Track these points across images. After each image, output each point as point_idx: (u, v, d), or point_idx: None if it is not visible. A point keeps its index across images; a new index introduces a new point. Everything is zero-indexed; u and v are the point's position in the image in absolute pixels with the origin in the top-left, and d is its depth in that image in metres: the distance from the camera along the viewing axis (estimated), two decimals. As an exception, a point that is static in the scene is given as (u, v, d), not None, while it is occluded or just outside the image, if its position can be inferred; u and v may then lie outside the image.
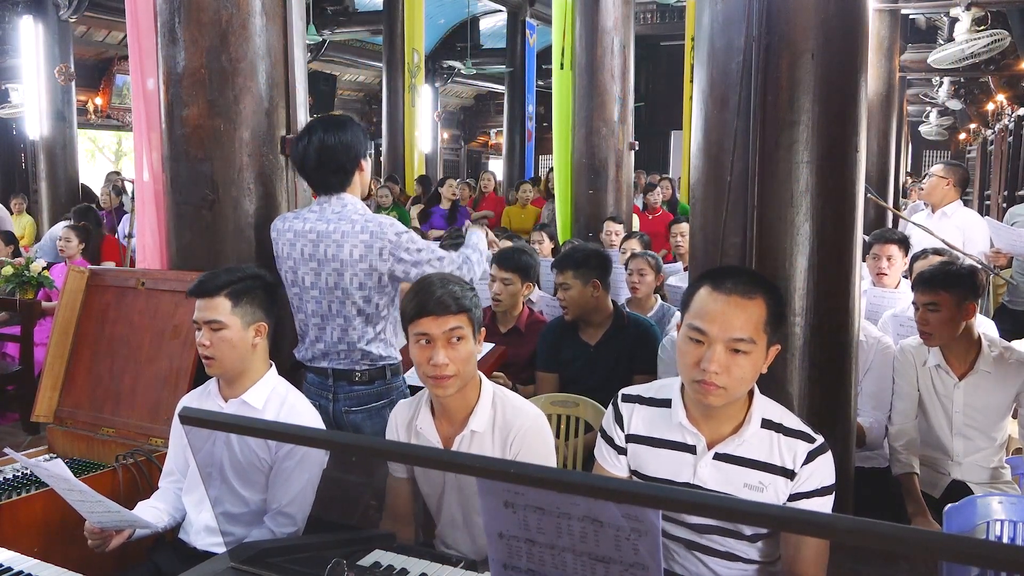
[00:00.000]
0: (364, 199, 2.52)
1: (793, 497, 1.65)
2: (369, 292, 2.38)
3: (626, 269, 3.82)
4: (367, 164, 2.50)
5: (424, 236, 6.32)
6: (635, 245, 4.71)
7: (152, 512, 2.11)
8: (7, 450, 2.18)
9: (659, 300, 3.83)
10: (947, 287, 2.48)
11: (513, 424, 1.87)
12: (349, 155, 2.40)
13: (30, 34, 7.94)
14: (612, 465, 1.82)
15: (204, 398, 2.14)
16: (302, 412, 2.10)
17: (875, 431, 2.72)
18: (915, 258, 3.41)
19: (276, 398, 2.10)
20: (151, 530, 2.06)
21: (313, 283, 2.41)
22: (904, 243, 3.56)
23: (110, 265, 5.87)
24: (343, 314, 2.40)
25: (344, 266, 2.36)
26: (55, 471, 1.82)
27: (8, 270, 4.46)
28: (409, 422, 1.98)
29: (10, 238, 5.80)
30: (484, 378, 1.95)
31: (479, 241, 2.62)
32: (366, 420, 2.45)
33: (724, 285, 1.60)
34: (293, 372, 2.57)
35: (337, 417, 2.45)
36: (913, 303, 2.62)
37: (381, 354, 2.44)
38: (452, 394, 1.85)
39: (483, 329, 1.92)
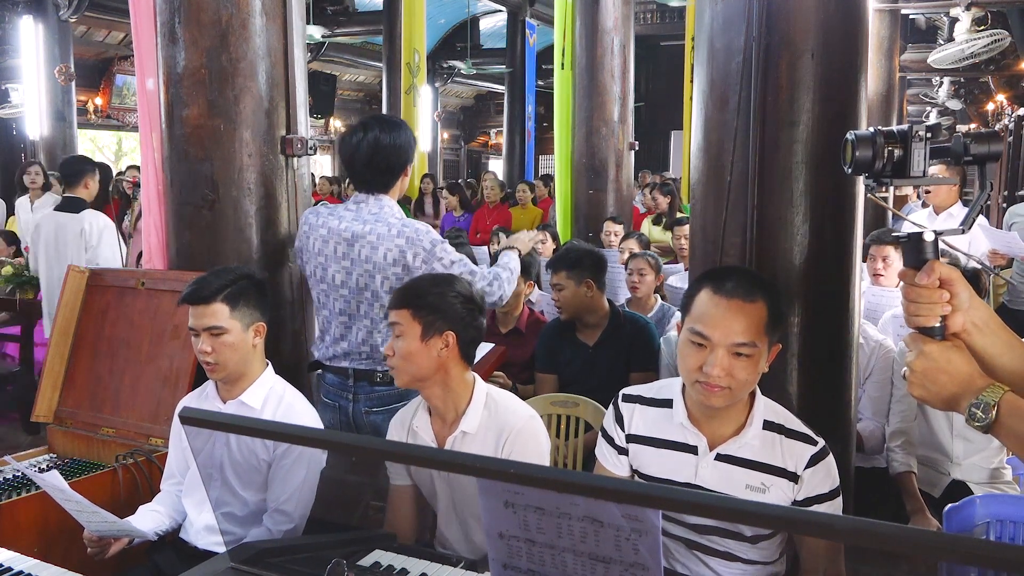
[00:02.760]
0: None
1: (803, 503, 1.65)
2: None
3: (626, 269, 3.82)
4: (410, 170, 2.51)
5: None
6: (633, 245, 4.70)
7: (153, 516, 2.11)
8: (7, 458, 2.19)
9: (659, 300, 3.83)
10: None
11: (505, 426, 1.88)
12: (399, 158, 2.40)
13: (30, 34, 7.94)
14: (613, 465, 1.82)
15: (202, 400, 2.14)
16: (300, 411, 2.10)
17: (875, 437, 2.71)
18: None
19: (274, 397, 2.10)
20: (149, 538, 2.06)
21: (343, 282, 2.40)
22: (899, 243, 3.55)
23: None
24: (370, 316, 2.39)
25: (376, 268, 2.35)
26: (51, 482, 1.83)
27: (8, 270, 4.46)
28: (408, 422, 2.00)
29: (12, 238, 5.78)
30: (478, 380, 1.96)
31: (510, 261, 2.63)
32: (386, 421, 2.42)
33: (724, 287, 1.60)
34: (311, 371, 2.57)
35: (357, 418, 2.43)
36: None
37: None
38: (403, 384, 1.93)
39: (453, 335, 1.89)
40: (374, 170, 2.39)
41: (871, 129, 1.14)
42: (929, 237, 1.10)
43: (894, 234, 1.16)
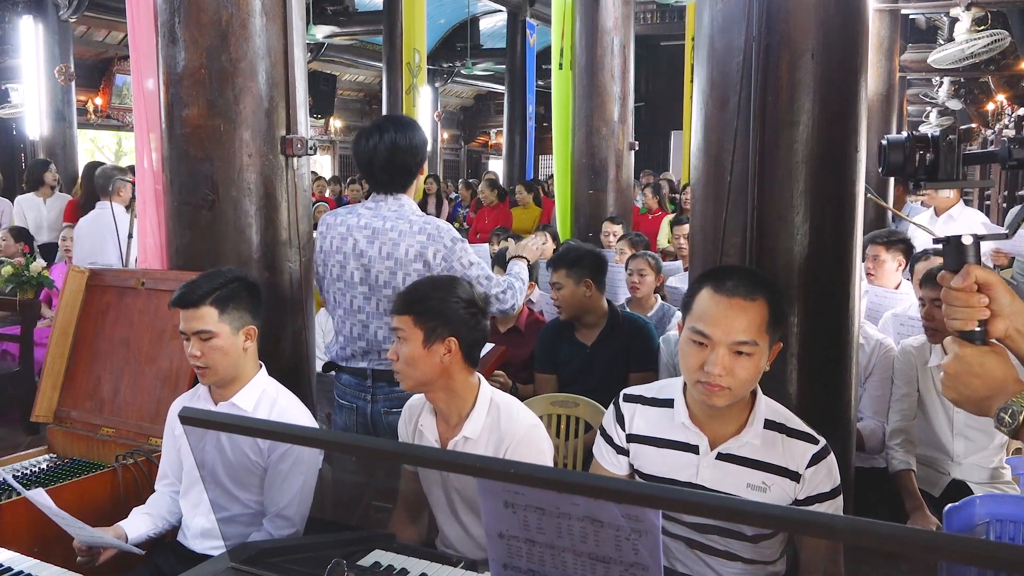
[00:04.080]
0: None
1: (804, 502, 1.65)
2: None
3: (626, 269, 3.82)
4: (425, 168, 2.51)
5: None
6: (623, 246, 4.71)
7: (145, 520, 2.11)
8: None
9: (659, 300, 3.83)
10: None
11: (506, 434, 1.87)
12: (416, 158, 2.42)
13: (30, 34, 7.94)
14: (611, 464, 1.82)
15: (194, 402, 2.13)
16: (293, 414, 2.09)
17: (876, 437, 2.71)
18: (916, 259, 3.41)
19: (266, 400, 2.09)
20: (135, 552, 2.06)
21: (362, 279, 2.39)
22: (895, 244, 3.53)
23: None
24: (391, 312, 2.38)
25: (398, 264, 2.35)
26: (37, 499, 1.83)
27: (8, 270, 4.46)
28: (415, 418, 2.01)
29: (21, 234, 5.59)
30: (483, 383, 1.96)
31: (521, 271, 2.64)
32: None
33: (725, 286, 1.60)
34: (325, 371, 2.56)
35: (375, 418, 2.42)
36: (920, 299, 2.62)
37: None
38: (408, 388, 1.94)
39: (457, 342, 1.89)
40: (392, 172, 2.40)
41: (904, 133, 1.16)
42: (968, 241, 1.10)
43: (935, 238, 1.17)
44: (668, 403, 1.76)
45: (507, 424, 1.89)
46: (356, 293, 2.41)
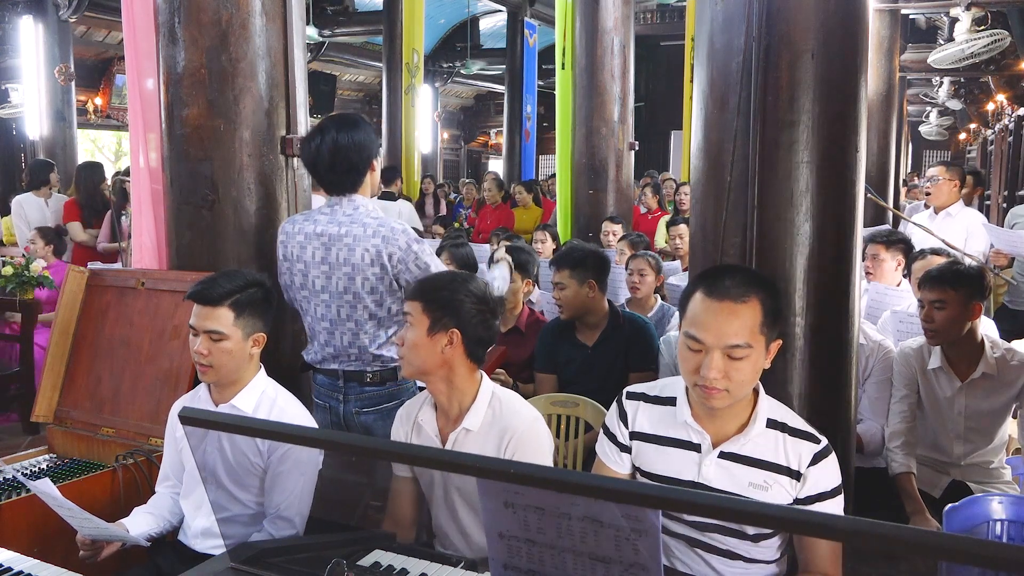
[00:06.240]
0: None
1: (805, 501, 1.65)
2: (380, 296, 2.36)
3: (626, 269, 3.82)
4: (378, 164, 2.49)
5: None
6: (624, 247, 4.71)
7: (146, 519, 2.11)
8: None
9: (659, 300, 3.83)
10: (955, 285, 2.48)
11: (508, 427, 1.88)
12: (362, 155, 2.37)
13: (30, 34, 7.94)
14: (614, 462, 1.82)
15: (194, 403, 2.13)
16: (292, 415, 2.09)
17: (875, 440, 2.71)
18: (913, 259, 3.41)
19: (266, 401, 2.09)
20: (141, 544, 2.06)
21: (324, 287, 2.39)
22: (895, 243, 3.54)
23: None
24: (354, 318, 2.37)
25: (356, 270, 2.34)
26: (43, 488, 1.83)
27: (8, 270, 4.46)
28: (413, 415, 2.01)
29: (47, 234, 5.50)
30: (485, 377, 1.97)
31: (497, 279, 2.64)
32: (377, 421, 2.43)
33: (717, 290, 1.60)
34: (303, 373, 2.57)
35: (347, 418, 2.43)
36: (919, 301, 2.62)
37: (393, 356, 2.40)
38: (407, 375, 1.99)
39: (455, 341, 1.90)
40: (338, 172, 2.36)
41: None
42: None
43: None
44: (671, 401, 1.76)
45: (510, 417, 1.89)
46: (319, 301, 2.40)
